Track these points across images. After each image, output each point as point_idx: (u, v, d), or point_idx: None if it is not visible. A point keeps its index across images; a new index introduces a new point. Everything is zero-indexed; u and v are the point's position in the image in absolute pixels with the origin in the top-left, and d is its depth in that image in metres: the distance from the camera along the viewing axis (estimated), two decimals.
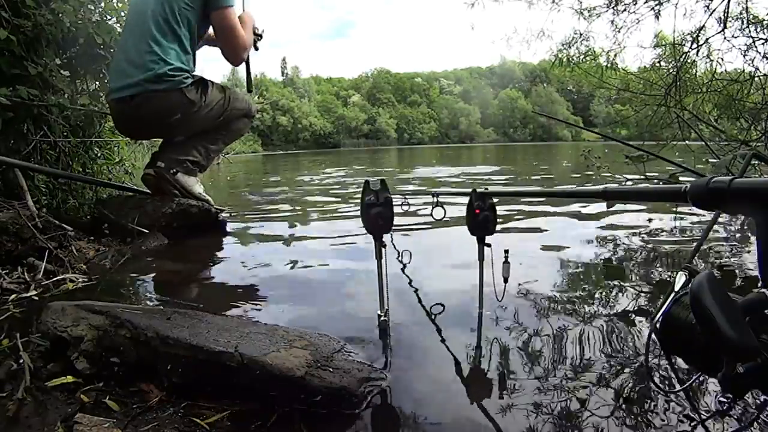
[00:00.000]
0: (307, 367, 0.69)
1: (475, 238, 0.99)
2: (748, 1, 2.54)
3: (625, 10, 3.05)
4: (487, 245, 0.98)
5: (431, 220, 1.54)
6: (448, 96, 66.78)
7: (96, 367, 0.75)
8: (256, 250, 1.76)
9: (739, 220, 2.00)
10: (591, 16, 3.18)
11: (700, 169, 2.59)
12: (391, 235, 1.73)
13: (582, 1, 3.18)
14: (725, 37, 2.65)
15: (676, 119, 2.99)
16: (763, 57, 2.58)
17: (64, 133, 2.14)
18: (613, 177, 3.37)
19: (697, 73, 2.94)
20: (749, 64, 2.66)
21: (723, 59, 2.80)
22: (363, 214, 0.90)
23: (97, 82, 2.28)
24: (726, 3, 2.56)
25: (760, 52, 2.58)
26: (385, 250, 0.91)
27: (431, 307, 1.08)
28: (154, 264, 1.53)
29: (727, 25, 2.62)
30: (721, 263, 1.40)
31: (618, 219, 2.15)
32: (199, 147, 1.97)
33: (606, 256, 1.56)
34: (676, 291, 0.53)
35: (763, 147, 2.53)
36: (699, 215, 2.11)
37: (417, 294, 1.19)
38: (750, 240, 1.67)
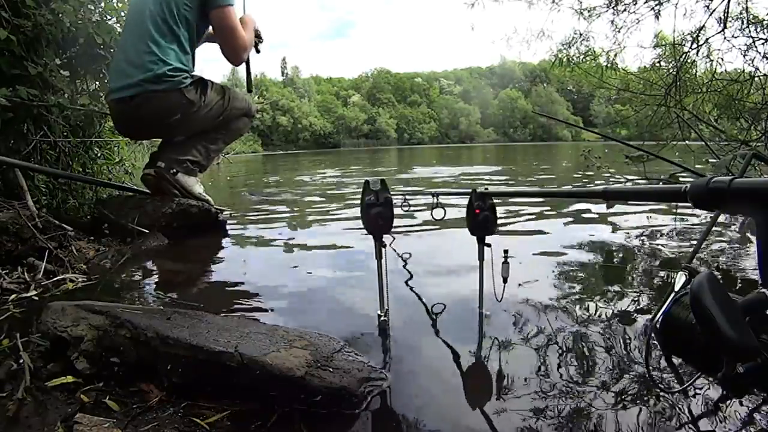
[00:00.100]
0: (307, 367, 0.69)
1: (475, 238, 0.99)
2: (748, 1, 2.55)
3: (625, 10, 3.06)
4: (487, 245, 0.98)
5: (431, 219, 1.54)
6: (448, 96, 66.71)
7: (96, 367, 0.75)
8: (256, 250, 1.76)
9: (740, 220, 2.00)
10: (591, 16, 3.19)
11: (700, 169, 2.59)
12: (391, 235, 1.73)
13: (582, 1, 3.19)
14: (725, 37, 2.66)
15: (676, 119, 2.99)
16: (763, 57, 2.59)
17: (64, 133, 2.14)
18: (611, 176, 3.37)
19: (697, 73, 2.94)
20: (749, 64, 2.66)
21: (723, 59, 2.81)
22: (363, 214, 0.90)
23: (97, 82, 2.28)
24: (726, 3, 2.57)
25: (760, 52, 2.58)
26: (385, 250, 0.91)
27: (432, 307, 1.08)
28: (154, 264, 1.53)
29: (727, 25, 2.62)
30: (720, 263, 1.40)
31: (618, 219, 2.15)
32: (199, 147, 1.97)
33: (606, 256, 1.56)
34: (676, 291, 0.53)
35: (763, 147, 2.53)
36: (699, 215, 2.11)
37: (417, 294, 1.19)
38: (750, 240, 1.67)
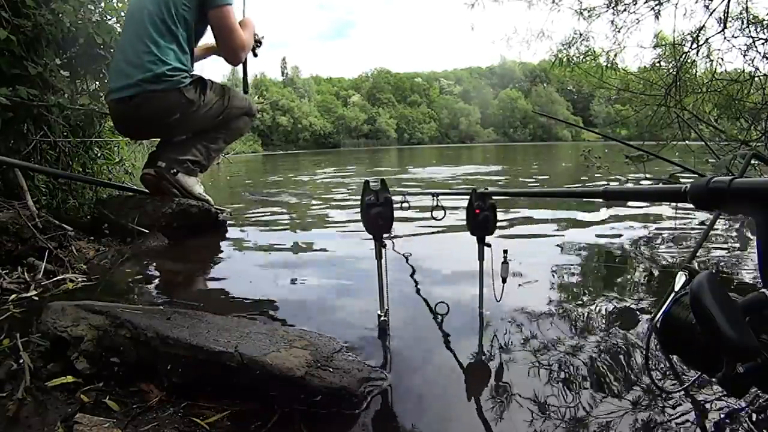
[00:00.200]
0: (307, 367, 0.69)
1: (474, 237, 0.99)
2: (748, 1, 2.55)
3: (625, 10, 3.06)
4: (487, 245, 0.98)
5: (431, 219, 1.54)
6: (448, 96, 66.67)
7: (96, 367, 0.75)
8: (255, 250, 1.76)
9: (739, 220, 2.00)
10: (591, 17, 3.19)
11: (700, 169, 2.59)
12: (391, 235, 1.73)
13: (582, 1, 3.19)
14: (725, 37, 2.66)
15: (676, 119, 2.99)
16: (763, 57, 2.59)
17: (64, 133, 2.14)
18: (608, 175, 3.36)
19: (697, 73, 2.94)
20: (749, 64, 2.67)
21: (723, 59, 2.81)
22: (363, 214, 0.90)
23: (97, 82, 2.28)
24: (726, 3, 2.57)
25: (760, 52, 2.59)
26: (385, 250, 0.91)
27: (436, 306, 1.07)
28: (154, 264, 1.53)
29: (727, 25, 2.62)
30: (720, 263, 1.40)
31: (618, 219, 2.15)
32: (200, 146, 1.97)
33: (606, 257, 1.56)
34: (676, 291, 0.53)
35: (763, 147, 2.53)
36: (699, 215, 2.11)
37: (417, 294, 1.19)
38: (750, 240, 1.67)
